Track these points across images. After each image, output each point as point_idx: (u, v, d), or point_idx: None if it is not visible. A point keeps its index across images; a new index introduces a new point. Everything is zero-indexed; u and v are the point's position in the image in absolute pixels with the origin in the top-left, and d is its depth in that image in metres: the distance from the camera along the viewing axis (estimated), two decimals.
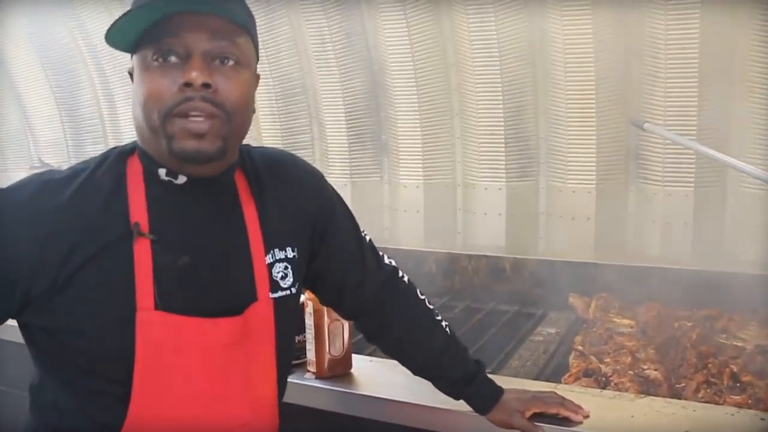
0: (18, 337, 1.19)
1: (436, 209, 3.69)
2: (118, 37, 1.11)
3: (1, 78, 4.84)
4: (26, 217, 1.09)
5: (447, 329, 1.55)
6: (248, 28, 1.19)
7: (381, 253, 1.52)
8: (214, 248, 1.20)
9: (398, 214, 3.78)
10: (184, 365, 1.15)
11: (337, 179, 3.86)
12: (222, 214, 1.23)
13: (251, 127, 1.23)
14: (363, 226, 1.50)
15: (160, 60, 1.10)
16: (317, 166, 3.87)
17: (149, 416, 1.13)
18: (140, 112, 1.12)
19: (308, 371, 1.81)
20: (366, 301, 1.49)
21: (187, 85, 1.08)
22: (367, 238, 1.50)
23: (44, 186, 1.13)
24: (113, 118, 4.53)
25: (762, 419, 1.47)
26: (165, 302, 1.13)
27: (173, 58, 1.10)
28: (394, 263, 1.54)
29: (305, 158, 4.11)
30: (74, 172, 1.16)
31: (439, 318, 1.56)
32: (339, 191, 1.53)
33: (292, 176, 1.36)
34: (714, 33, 2.95)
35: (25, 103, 4.83)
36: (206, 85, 1.09)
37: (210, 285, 1.19)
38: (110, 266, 1.11)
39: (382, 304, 1.49)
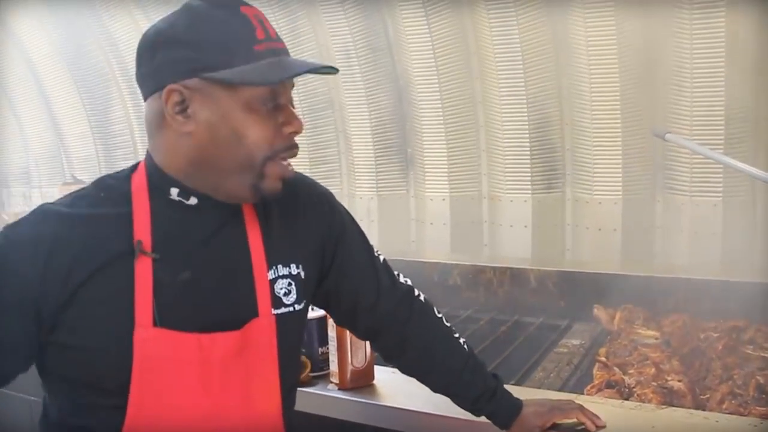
0: None
1: (462, 222, 3.70)
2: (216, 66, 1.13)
3: (36, 97, 4.96)
4: (27, 244, 1.12)
5: (465, 346, 1.53)
6: None
7: (396, 272, 1.51)
8: (216, 264, 1.22)
9: (425, 227, 3.79)
10: (180, 380, 1.16)
11: (363, 193, 3.89)
12: (224, 229, 1.24)
13: None
14: (389, 239, 1.52)
15: (268, 106, 1.14)
16: (344, 179, 3.98)
17: (145, 429, 1.15)
18: (234, 149, 1.14)
19: (331, 382, 1.83)
20: (381, 321, 1.47)
21: (294, 133, 1.18)
22: (381, 257, 1.49)
23: (44, 212, 1.16)
24: (144, 135, 4.60)
25: None
26: (164, 319, 1.15)
27: (271, 105, 1.15)
28: (410, 282, 1.53)
29: (332, 172, 4.19)
30: (76, 196, 1.19)
31: (457, 336, 1.55)
32: (365, 205, 1.55)
33: (300, 195, 1.36)
34: (740, 41, 2.93)
35: (59, 120, 4.94)
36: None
37: (210, 300, 1.20)
38: (111, 283, 1.13)
39: (399, 323, 1.48)
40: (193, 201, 1.19)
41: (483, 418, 1.54)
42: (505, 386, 1.55)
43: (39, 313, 1.11)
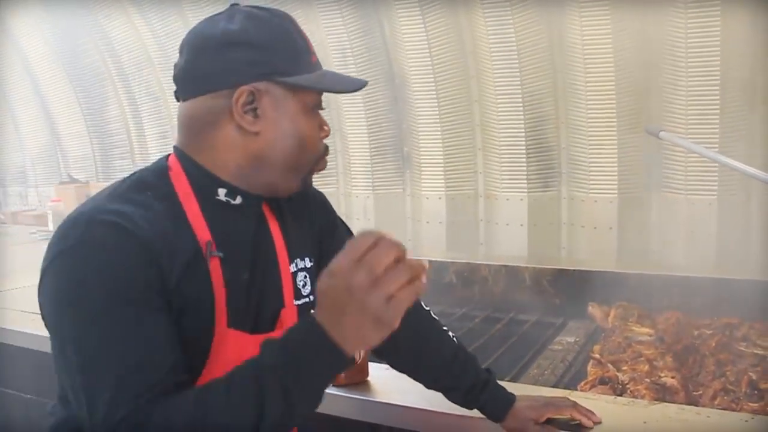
0: (18, 341, 1.21)
1: (459, 220, 3.71)
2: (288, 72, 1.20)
3: (32, 97, 4.97)
4: (126, 244, 1.08)
5: (454, 339, 1.57)
6: None
7: None
8: (259, 262, 1.26)
9: (421, 226, 3.80)
10: None
11: (359, 191, 3.90)
12: (259, 229, 1.28)
13: None
14: None
15: (316, 110, 1.25)
16: (340, 178, 3.99)
17: None
18: (296, 149, 1.22)
19: None
20: None
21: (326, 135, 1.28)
22: None
23: (119, 222, 1.09)
24: (140, 134, 4.62)
25: None
26: (233, 319, 1.18)
27: (316, 110, 1.25)
28: None
29: (328, 170, 4.17)
30: (125, 197, 1.15)
31: (446, 328, 1.58)
32: (362, 203, 1.59)
33: (302, 193, 1.39)
34: (735, 40, 2.94)
35: (55, 120, 4.95)
36: None
37: (259, 298, 1.25)
38: (194, 284, 1.14)
39: None
40: (238, 200, 1.22)
41: (478, 414, 1.54)
42: (500, 383, 1.56)
43: (166, 293, 1.10)
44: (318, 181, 1.50)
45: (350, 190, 3.94)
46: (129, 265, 1.06)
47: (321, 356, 0.96)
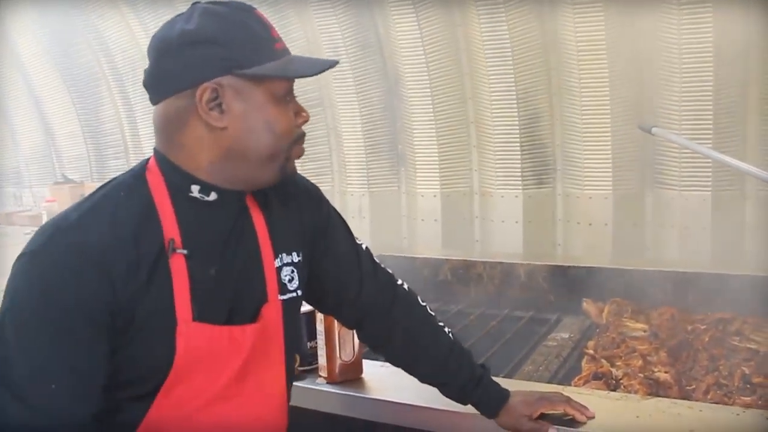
0: None
1: (454, 218, 3.72)
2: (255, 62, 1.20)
3: (25, 96, 4.96)
4: (82, 253, 1.12)
5: (450, 334, 1.57)
6: None
7: (378, 261, 1.56)
8: (236, 257, 1.27)
9: (416, 224, 3.81)
10: (210, 370, 1.22)
11: (354, 189, 3.90)
12: (239, 224, 1.29)
13: None
14: (381, 235, 1.53)
15: (287, 98, 1.24)
16: (335, 177, 3.99)
17: (167, 414, 1.19)
18: (268, 139, 1.21)
19: (320, 376, 1.84)
20: (365, 308, 1.52)
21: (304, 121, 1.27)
22: (363, 246, 1.55)
23: (77, 228, 1.15)
24: (134, 133, 4.62)
25: (767, 419, 1.47)
26: (200, 313, 1.19)
27: (289, 98, 1.24)
28: (391, 272, 1.58)
29: (323, 169, 4.19)
30: (98, 200, 1.20)
31: (441, 324, 1.58)
32: (357, 201, 1.60)
33: (292, 186, 1.42)
34: (728, 37, 2.94)
35: (49, 120, 4.94)
36: None
37: (234, 292, 1.26)
38: (152, 281, 1.16)
39: (383, 309, 1.52)
40: (213, 197, 1.23)
41: (470, 409, 1.55)
42: (495, 379, 1.56)
43: (112, 318, 1.13)
44: (313, 180, 1.52)
45: (345, 188, 3.94)
46: (72, 287, 1.11)
47: None
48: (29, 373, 1.09)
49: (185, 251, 1.19)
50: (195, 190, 1.22)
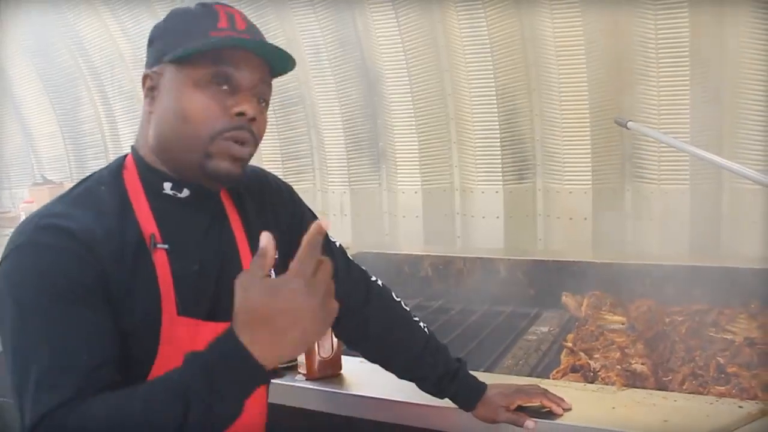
0: None
1: (435, 214, 3.73)
2: (174, 46, 1.19)
3: (3, 97, 4.92)
4: (70, 238, 1.11)
5: (425, 329, 1.58)
6: None
7: (351, 258, 1.57)
8: (215, 256, 1.27)
9: (397, 220, 3.81)
10: None
11: (335, 187, 3.90)
12: (215, 224, 1.30)
13: None
14: (362, 233, 1.53)
15: (215, 84, 1.18)
16: (316, 174, 3.99)
17: None
18: (180, 125, 1.18)
19: (299, 373, 1.84)
20: (340, 304, 1.51)
21: (240, 114, 1.18)
22: (337, 243, 1.56)
23: (63, 226, 1.13)
24: (114, 134, 4.59)
25: (740, 407, 1.49)
26: (184, 308, 1.20)
27: (225, 87, 1.18)
28: (364, 268, 1.59)
29: (304, 167, 4.18)
30: (80, 193, 1.20)
31: (417, 319, 1.60)
32: (338, 199, 1.59)
33: (266, 188, 1.44)
34: (704, 32, 2.97)
35: (27, 121, 4.90)
36: (252, 119, 1.20)
37: (215, 291, 1.26)
38: (139, 277, 1.17)
39: (358, 306, 1.53)
40: (185, 193, 1.23)
41: (450, 404, 1.56)
42: (474, 373, 1.57)
43: (106, 292, 1.12)
44: (294, 178, 1.52)
45: (326, 186, 3.94)
46: (67, 266, 1.09)
47: (241, 372, 0.98)
48: (51, 360, 1.04)
49: (166, 246, 1.19)
50: (167, 187, 1.23)
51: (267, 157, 3.91)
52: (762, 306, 2.38)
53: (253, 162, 1.31)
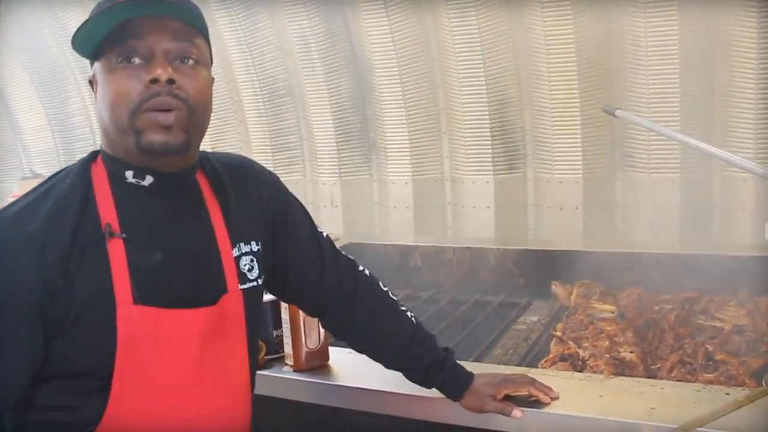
0: None
1: (426, 205, 3.72)
2: (82, 44, 1.19)
3: None
4: (20, 245, 1.13)
5: (413, 319, 1.58)
6: (204, 31, 1.25)
7: (338, 248, 1.57)
8: (185, 245, 1.26)
9: (388, 211, 3.81)
10: (162, 356, 1.20)
11: (326, 178, 3.89)
12: (188, 212, 1.28)
13: (240, 129, 1.28)
14: (353, 223, 1.52)
15: (125, 62, 1.16)
16: (306, 166, 3.97)
17: (128, 407, 1.17)
18: (108, 113, 1.18)
19: (286, 365, 1.83)
20: (327, 295, 1.52)
21: (153, 81, 1.14)
22: (324, 233, 1.55)
23: (16, 218, 1.16)
24: None
25: (727, 394, 1.48)
26: (144, 297, 1.18)
27: (137, 60, 1.15)
28: (352, 258, 1.58)
29: (294, 158, 4.16)
30: (40, 194, 1.20)
31: (404, 308, 1.59)
32: (328, 190, 1.57)
33: (250, 176, 1.42)
34: (693, 20, 2.97)
35: (15, 114, 4.87)
36: (170, 81, 1.15)
37: (184, 280, 1.24)
38: (90, 267, 1.15)
39: (344, 296, 1.53)
40: (148, 180, 1.22)
41: (437, 393, 1.56)
42: (464, 363, 1.57)
43: (42, 311, 1.13)
44: (284, 169, 1.51)
45: (317, 177, 3.93)
46: (7, 268, 1.12)
47: None
48: None
49: (123, 235, 1.18)
50: (129, 175, 1.22)
51: (257, 149, 3.89)
52: (751, 294, 2.38)
53: (244, 153, 1.30)
